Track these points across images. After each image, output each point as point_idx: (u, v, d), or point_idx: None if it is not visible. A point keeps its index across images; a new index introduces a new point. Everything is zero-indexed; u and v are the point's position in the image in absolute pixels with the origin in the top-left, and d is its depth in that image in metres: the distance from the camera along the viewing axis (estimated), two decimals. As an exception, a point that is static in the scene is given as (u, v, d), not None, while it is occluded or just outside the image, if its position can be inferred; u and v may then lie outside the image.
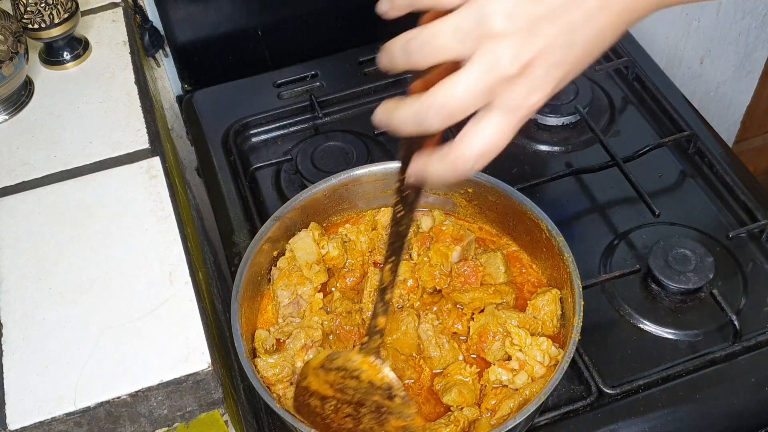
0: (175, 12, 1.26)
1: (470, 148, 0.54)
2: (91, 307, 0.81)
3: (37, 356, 0.78)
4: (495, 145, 0.53)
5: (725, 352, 0.92)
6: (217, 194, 1.16)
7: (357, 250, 0.94)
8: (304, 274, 0.90)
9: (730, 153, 1.15)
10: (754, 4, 1.66)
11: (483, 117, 0.53)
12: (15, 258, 0.86)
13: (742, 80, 1.84)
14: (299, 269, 0.91)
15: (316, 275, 0.90)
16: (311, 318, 0.87)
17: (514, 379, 0.81)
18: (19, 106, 1.02)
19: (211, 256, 1.22)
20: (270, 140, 1.23)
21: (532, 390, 0.80)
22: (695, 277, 0.96)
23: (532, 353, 0.82)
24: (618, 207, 1.10)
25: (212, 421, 0.82)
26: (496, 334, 0.84)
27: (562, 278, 0.86)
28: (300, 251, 0.91)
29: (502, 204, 0.93)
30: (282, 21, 1.32)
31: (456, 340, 0.87)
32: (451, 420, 0.80)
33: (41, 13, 1.01)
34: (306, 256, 0.91)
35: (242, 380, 1.02)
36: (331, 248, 0.92)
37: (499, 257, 0.90)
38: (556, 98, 1.21)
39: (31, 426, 0.73)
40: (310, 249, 0.91)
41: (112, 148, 0.97)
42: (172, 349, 0.78)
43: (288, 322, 0.88)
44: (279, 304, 0.89)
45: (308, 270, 0.90)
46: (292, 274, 0.90)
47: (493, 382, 0.82)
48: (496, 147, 0.54)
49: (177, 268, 0.84)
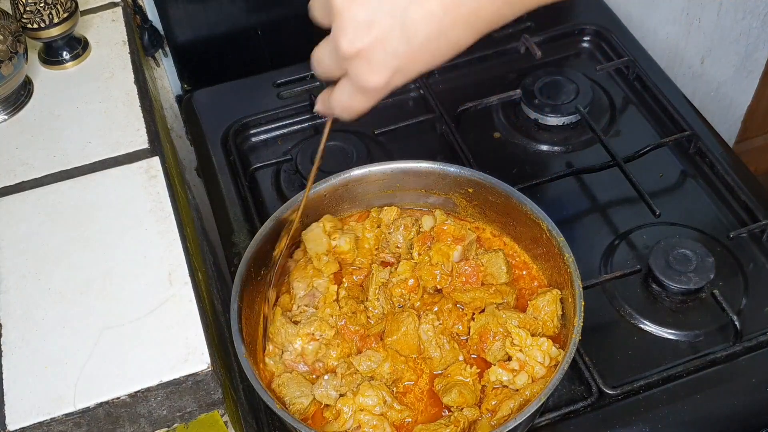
0: (174, 12, 1.25)
1: (335, 101, 0.69)
2: (90, 307, 0.81)
3: (37, 356, 0.78)
4: (350, 104, 0.68)
5: (726, 353, 0.92)
6: (216, 194, 1.16)
7: (365, 247, 0.94)
8: (315, 265, 0.91)
9: (730, 153, 1.15)
10: (755, 4, 1.66)
11: (340, 83, 0.68)
12: (14, 258, 0.86)
13: (743, 80, 1.84)
14: (311, 261, 0.92)
15: (326, 266, 0.91)
16: (324, 310, 0.88)
17: (515, 379, 0.81)
18: (19, 106, 1.02)
19: (210, 256, 1.22)
20: (270, 140, 1.23)
21: (533, 390, 0.80)
22: (696, 278, 0.96)
23: (532, 353, 0.82)
24: (618, 207, 1.10)
25: (212, 422, 0.81)
26: (496, 334, 0.84)
27: (563, 278, 0.86)
28: (311, 243, 0.93)
29: (503, 204, 0.92)
30: (282, 21, 1.32)
31: (456, 340, 0.87)
32: (451, 420, 0.80)
33: (40, 13, 1.00)
34: (316, 247, 0.92)
35: (242, 381, 1.02)
36: (343, 242, 0.92)
37: (501, 257, 0.90)
38: (557, 98, 1.21)
39: (31, 426, 0.73)
40: (320, 240, 0.93)
41: (112, 148, 0.97)
42: (171, 350, 0.78)
43: (302, 311, 0.89)
44: (295, 296, 0.90)
45: (318, 261, 0.91)
46: (308, 266, 0.92)
47: (493, 383, 0.82)
48: (352, 107, 0.68)
49: (176, 269, 0.84)
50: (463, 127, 1.21)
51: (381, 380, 0.83)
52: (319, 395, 0.82)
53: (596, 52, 1.32)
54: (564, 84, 1.23)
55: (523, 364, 0.82)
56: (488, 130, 1.22)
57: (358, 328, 0.87)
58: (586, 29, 1.34)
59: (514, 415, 0.77)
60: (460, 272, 0.89)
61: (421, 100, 1.26)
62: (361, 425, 0.80)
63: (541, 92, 1.22)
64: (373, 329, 0.87)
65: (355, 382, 0.82)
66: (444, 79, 1.29)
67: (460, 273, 0.89)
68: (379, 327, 0.87)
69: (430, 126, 1.22)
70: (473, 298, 0.87)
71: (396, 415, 0.81)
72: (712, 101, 1.84)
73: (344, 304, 0.88)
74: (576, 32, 1.34)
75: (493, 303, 0.87)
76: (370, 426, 0.80)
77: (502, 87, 1.26)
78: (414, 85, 1.27)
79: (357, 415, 0.80)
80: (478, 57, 1.30)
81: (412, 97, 1.27)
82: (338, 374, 0.83)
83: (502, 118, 1.23)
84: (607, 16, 1.37)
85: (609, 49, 1.31)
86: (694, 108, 1.22)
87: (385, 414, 0.81)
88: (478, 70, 1.30)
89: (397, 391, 0.84)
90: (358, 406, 0.81)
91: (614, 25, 1.34)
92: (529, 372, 0.81)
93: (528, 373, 0.81)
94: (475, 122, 1.22)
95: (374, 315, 0.88)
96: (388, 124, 1.20)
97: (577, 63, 1.32)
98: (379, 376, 0.83)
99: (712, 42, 1.71)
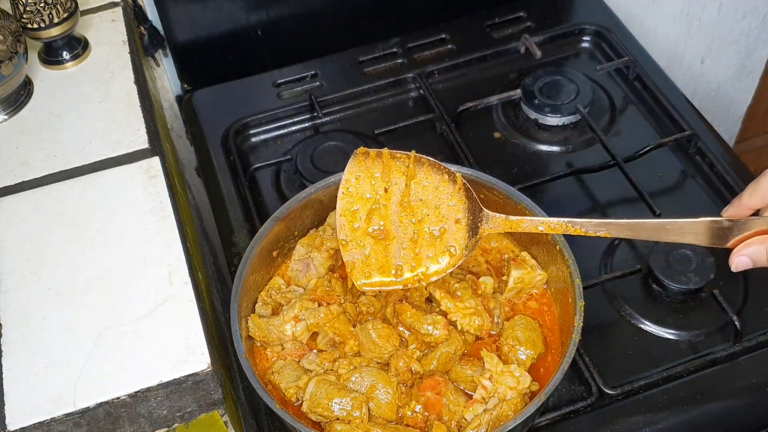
0: (174, 12, 1.25)
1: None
2: (90, 308, 0.81)
3: (37, 357, 0.78)
4: None
5: (726, 353, 0.92)
6: (216, 194, 1.16)
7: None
8: (323, 235, 0.93)
9: (730, 153, 1.15)
10: (755, 4, 1.66)
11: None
12: (15, 258, 0.86)
13: (743, 80, 1.84)
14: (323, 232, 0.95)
15: (330, 239, 0.93)
16: (315, 289, 0.89)
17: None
18: (19, 106, 1.02)
19: (210, 256, 1.22)
20: (270, 140, 1.23)
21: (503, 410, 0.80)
22: (696, 278, 0.96)
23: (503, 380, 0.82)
24: (619, 207, 1.10)
25: (212, 422, 0.81)
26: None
27: (563, 278, 0.86)
28: (332, 218, 0.95)
29: (503, 204, 0.92)
30: (282, 21, 1.32)
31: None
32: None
33: (40, 13, 1.00)
34: (334, 222, 0.94)
35: (242, 381, 1.02)
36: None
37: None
38: (557, 98, 1.21)
39: (31, 426, 0.73)
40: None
41: (112, 148, 0.97)
42: (171, 350, 0.78)
43: (291, 290, 0.91)
44: (293, 257, 0.94)
45: (324, 232, 0.94)
46: (317, 238, 0.93)
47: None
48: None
49: (176, 269, 0.84)
50: (463, 127, 1.21)
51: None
52: (306, 363, 0.85)
53: (596, 52, 1.32)
54: (564, 84, 1.23)
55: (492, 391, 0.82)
56: (488, 130, 1.22)
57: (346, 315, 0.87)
58: (586, 29, 1.34)
59: (513, 416, 0.77)
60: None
61: (421, 100, 1.26)
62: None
63: (541, 92, 1.22)
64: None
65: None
66: (444, 79, 1.29)
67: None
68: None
69: (430, 126, 1.22)
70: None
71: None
72: (712, 101, 1.84)
73: (336, 285, 0.90)
74: (576, 32, 1.34)
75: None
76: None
77: (502, 87, 1.26)
78: (414, 85, 1.27)
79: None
80: (478, 57, 1.30)
81: (412, 97, 1.27)
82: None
83: (502, 118, 1.23)
84: (607, 16, 1.37)
85: (609, 49, 1.31)
86: (694, 108, 1.22)
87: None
88: (478, 70, 1.30)
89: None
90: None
91: (614, 25, 1.34)
92: (500, 397, 0.81)
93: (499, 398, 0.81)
94: (475, 122, 1.22)
95: (367, 310, 0.88)
96: (388, 124, 1.20)
97: (577, 63, 1.32)
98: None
99: (712, 42, 1.71)
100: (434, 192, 0.85)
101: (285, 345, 0.87)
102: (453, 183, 0.84)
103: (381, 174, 0.85)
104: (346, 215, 0.85)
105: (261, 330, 0.86)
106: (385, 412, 0.81)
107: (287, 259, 0.95)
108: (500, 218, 0.83)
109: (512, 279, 0.88)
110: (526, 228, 0.82)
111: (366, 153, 0.85)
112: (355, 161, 0.85)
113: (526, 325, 0.86)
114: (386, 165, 0.85)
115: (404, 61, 1.31)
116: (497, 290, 0.90)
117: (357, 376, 0.82)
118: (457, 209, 0.84)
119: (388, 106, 1.26)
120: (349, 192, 0.85)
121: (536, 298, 0.91)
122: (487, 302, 0.88)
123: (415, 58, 1.31)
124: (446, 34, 1.34)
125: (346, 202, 0.85)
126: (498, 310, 0.88)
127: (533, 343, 0.84)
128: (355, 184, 0.85)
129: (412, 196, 0.85)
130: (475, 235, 0.83)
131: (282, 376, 0.84)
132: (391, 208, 0.85)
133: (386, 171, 0.85)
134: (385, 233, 0.85)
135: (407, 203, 0.85)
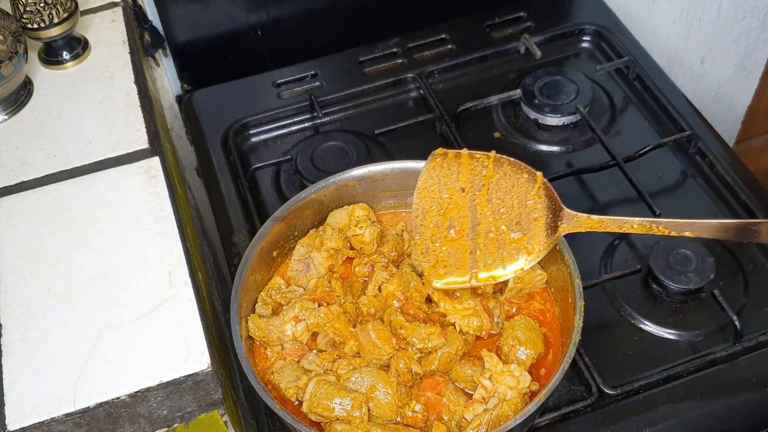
0: (174, 12, 1.25)
1: None
2: (90, 308, 0.81)
3: (37, 357, 0.78)
4: None
5: (726, 353, 0.92)
6: (216, 194, 1.16)
7: (389, 245, 0.95)
8: (323, 235, 0.93)
9: (730, 153, 1.15)
10: (755, 4, 1.66)
11: None
12: (15, 258, 0.86)
13: (743, 80, 1.84)
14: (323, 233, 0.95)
15: (329, 239, 0.93)
16: (315, 290, 0.89)
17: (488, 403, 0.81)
18: (19, 106, 1.02)
19: (210, 256, 1.22)
20: (270, 140, 1.23)
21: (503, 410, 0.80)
22: (696, 278, 0.96)
23: (503, 380, 0.81)
24: (618, 207, 1.10)
25: (212, 422, 0.81)
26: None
27: (563, 278, 0.86)
28: (332, 218, 0.95)
29: (503, 204, 0.92)
30: (282, 21, 1.32)
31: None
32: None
33: (40, 13, 1.00)
34: (333, 221, 0.95)
35: (242, 381, 1.02)
36: (368, 234, 0.93)
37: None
38: (557, 98, 1.21)
39: (31, 426, 0.73)
40: (340, 218, 0.95)
41: (112, 148, 0.97)
42: (171, 350, 0.78)
43: (291, 290, 0.91)
44: (293, 257, 0.94)
45: (324, 232, 0.94)
46: (317, 238, 0.94)
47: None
48: None
49: (176, 269, 0.84)
50: (463, 127, 1.21)
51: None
52: (306, 363, 0.85)
53: (596, 52, 1.32)
54: (564, 84, 1.23)
55: (492, 391, 0.81)
56: (488, 130, 1.22)
57: (343, 313, 0.87)
58: (586, 29, 1.34)
59: (513, 416, 0.77)
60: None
61: (421, 100, 1.26)
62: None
63: (541, 92, 1.22)
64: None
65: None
66: (444, 79, 1.29)
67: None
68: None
69: (430, 126, 1.22)
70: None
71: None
72: (712, 101, 1.84)
73: (336, 285, 0.90)
74: (576, 32, 1.34)
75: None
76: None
77: (502, 87, 1.26)
78: (414, 85, 1.27)
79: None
80: (478, 57, 1.30)
81: (412, 97, 1.27)
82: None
83: (502, 118, 1.23)
84: (607, 16, 1.37)
85: (609, 49, 1.31)
86: (694, 108, 1.22)
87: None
88: (478, 70, 1.30)
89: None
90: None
91: (614, 25, 1.34)
92: (500, 397, 0.81)
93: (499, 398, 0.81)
94: (475, 122, 1.22)
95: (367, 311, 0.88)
96: (388, 124, 1.20)
97: (577, 63, 1.32)
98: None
99: (712, 42, 1.71)
100: (512, 191, 0.85)
101: (285, 345, 0.87)
102: (533, 182, 0.85)
103: (458, 174, 0.85)
104: (423, 215, 0.85)
105: (261, 330, 0.86)
106: (385, 412, 0.81)
107: (287, 259, 0.95)
108: (582, 217, 0.83)
109: (512, 279, 0.88)
110: (609, 228, 0.82)
111: (444, 154, 0.86)
112: (432, 162, 0.86)
113: (526, 325, 0.86)
114: (464, 165, 0.85)
115: (404, 61, 1.31)
116: (497, 290, 0.90)
117: (357, 376, 0.82)
118: (536, 208, 0.84)
119: (388, 106, 1.26)
120: (426, 192, 0.86)
121: (537, 298, 0.91)
122: (486, 302, 0.88)
123: (415, 58, 1.31)
124: (446, 34, 1.34)
125: (424, 201, 0.86)
126: (498, 310, 0.88)
127: (533, 343, 0.84)
128: (431, 184, 0.86)
129: (490, 195, 0.85)
130: (553, 234, 0.83)
131: (282, 376, 0.84)
132: (468, 208, 0.85)
133: (464, 171, 0.85)
134: (461, 233, 0.85)
135: (484, 202, 0.85)
